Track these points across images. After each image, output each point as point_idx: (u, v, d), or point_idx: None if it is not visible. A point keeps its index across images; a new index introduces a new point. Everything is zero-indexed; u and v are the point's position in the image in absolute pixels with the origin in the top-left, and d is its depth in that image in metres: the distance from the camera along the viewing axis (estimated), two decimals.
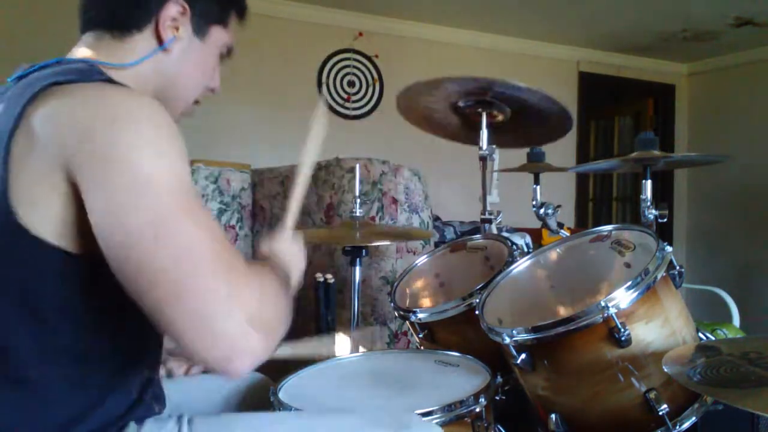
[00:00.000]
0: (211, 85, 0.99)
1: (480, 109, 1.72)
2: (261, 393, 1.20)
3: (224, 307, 0.70)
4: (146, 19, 0.88)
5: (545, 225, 1.77)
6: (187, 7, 0.89)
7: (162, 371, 1.14)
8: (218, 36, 0.95)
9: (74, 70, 0.80)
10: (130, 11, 0.88)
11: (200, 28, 0.92)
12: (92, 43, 0.89)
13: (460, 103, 1.73)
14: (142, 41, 0.89)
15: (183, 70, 0.92)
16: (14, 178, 0.72)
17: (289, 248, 0.98)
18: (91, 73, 0.80)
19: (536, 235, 2.70)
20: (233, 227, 2.46)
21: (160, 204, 0.69)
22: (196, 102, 0.99)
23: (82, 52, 0.88)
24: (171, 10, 0.88)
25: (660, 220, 1.40)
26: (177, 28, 0.89)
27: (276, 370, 1.33)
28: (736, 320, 2.67)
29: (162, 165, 0.71)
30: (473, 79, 1.62)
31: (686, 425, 1.03)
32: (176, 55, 0.91)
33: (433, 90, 1.69)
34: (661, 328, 1.04)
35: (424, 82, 1.63)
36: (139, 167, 0.69)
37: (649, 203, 1.39)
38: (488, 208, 1.85)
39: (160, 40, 0.89)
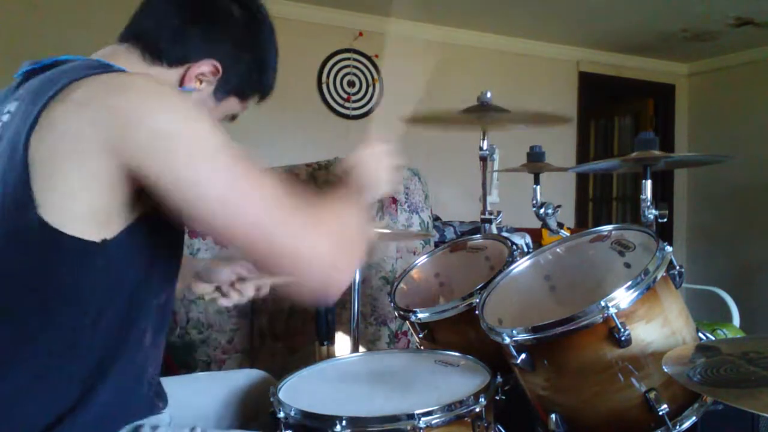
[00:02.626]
0: None
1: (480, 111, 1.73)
2: (264, 392, 1.20)
3: (310, 242, 0.80)
4: (180, 62, 0.92)
5: (545, 225, 1.77)
6: (220, 70, 0.94)
7: (194, 292, 1.19)
8: (232, 105, 1.02)
9: (94, 65, 0.82)
10: (171, 48, 0.92)
11: (220, 93, 0.97)
12: (120, 52, 0.92)
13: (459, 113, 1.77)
14: (167, 76, 0.92)
15: None
16: (37, 172, 0.73)
17: (372, 159, 1.04)
18: (110, 67, 0.83)
19: (536, 235, 2.70)
20: None
21: (232, 169, 0.77)
22: None
23: (106, 55, 0.90)
24: (204, 67, 0.93)
25: (660, 220, 1.40)
26: (201, 82, 0.94)
27: (277, 369, 1.33)
28: (736, 320, 2.67)
29: (217, 135, 0.78)
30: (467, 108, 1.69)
31: (686, 425, 1.03)
32: None
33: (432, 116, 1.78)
34: (661, 328, 1.04)
35: (423, 114, 1.72)
36: (203, 139, 0.76)
37: (649, 203, 1.39)
38: (488, 208, 1.85)
39: (181, 83, 0.93)
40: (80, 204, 0.74)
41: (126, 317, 0.84)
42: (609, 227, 1.26)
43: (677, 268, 1.10)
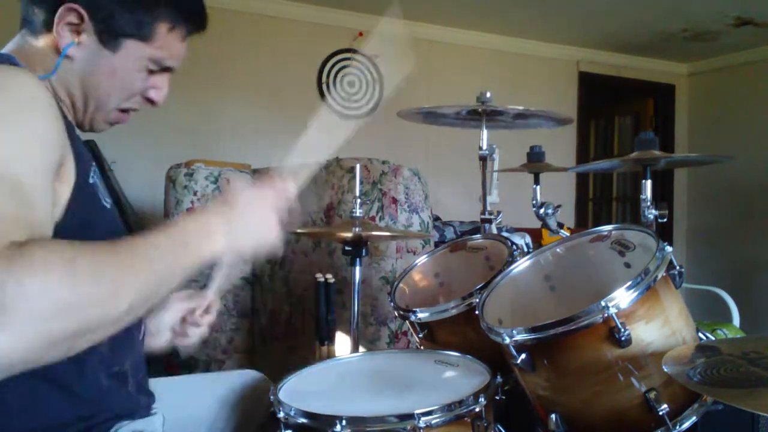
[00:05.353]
0: (149, 95, 0.96)
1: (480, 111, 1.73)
2: (258, 393, 1.20)
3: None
4: (46, 24, 0.87)
5: (545, 225, 1.77)
6: (84, 14, 0.86)
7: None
8: (135, 49, 0.90)
9: None
10: (32, 14, 0.88)
11: (108, 40, 0.88)
12: (18, 42, 0.91)
13: (461, 113, 1.77)
14: (50, 46, 0.88)
15: (91, 78, 0.90)
16: None
17: (257, 202, 0.85)
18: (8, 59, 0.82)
19: (536, 235, 2.70)
20: None
21: None
22: (131, 110, 0.97)
23: (7, 50, 0.90)
24: (66, 17, 0.86)
25: (660, 220, 1.40)
26: (79, 33, 0.87)
27: (277, 369, 1.33)
28: (736, 320, 2.67)
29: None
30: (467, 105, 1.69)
31: (686, 425, 1.03)
32: (80, 63, 0.89)
33: (431, 114, 1.78)
34: (661, 328, 1.04)
35: (423, 110, 1.70)
36: None
37: (649, 203, 1.39)
38: (488, 208, 1.85)
39: (59, 46, 0.87)
40: None
41: None
42: (609, 227, 1.26)
43: (677, 268, 1.10)
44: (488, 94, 1.72)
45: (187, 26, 0.94)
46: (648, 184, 1.40)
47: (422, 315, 1.36)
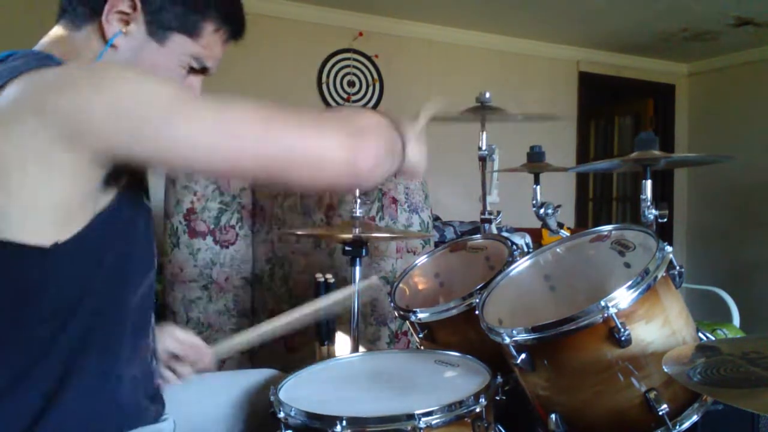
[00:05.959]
0: None
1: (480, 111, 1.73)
2: (268, 393, 1.19)
3: (315, 139, 0.80)
4: (94, 11, 0.86)
5: (545, 225, 1.77)
6: (137, 3, 0.86)
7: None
8: (181, 44, 0.90)
9: (31, 60, 0.78)
10: (78, 3, 0.87)
11: (156, 32, 0.88)
12: (56, 33, 0.89)
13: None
14: (94, 35, 0.87)
15: None
16: None
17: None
18: (50, 59, 0.80)
19: (536, 235, 2.70)
20: (233, 227, 2.46)
21: (200, 111, 0.76)
22: None
23: (48, 41, 0.88)
24: (118, 5, 0.86)
25: (660, 220, 1.40)
26: (128, 23, 0.86)
27: (277, 369, 1.33)
28: (736, 320, 2.68)
29: (166, 87, 0.76)
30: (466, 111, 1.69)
31: (686, 425, 1.03)
32: (126, 53, 0.87)
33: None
34: (661, 328, 1.04)
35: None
36: (155, 102, 0.73)
37: (649, 203, 1.39)
38: (488, 208, 1.85)
39: (106, 36, 0.86)
40: (26, 206, 0.70)
41: (96, 321, 0.79)
42: (609, 227, 1.26)
43: (677, 268, 1.10)
44: (488, 94, 1.72)
45: (230, 29, 0.96)
46: (648, 184, 1.41)
47: (422, 315, 1.36)
